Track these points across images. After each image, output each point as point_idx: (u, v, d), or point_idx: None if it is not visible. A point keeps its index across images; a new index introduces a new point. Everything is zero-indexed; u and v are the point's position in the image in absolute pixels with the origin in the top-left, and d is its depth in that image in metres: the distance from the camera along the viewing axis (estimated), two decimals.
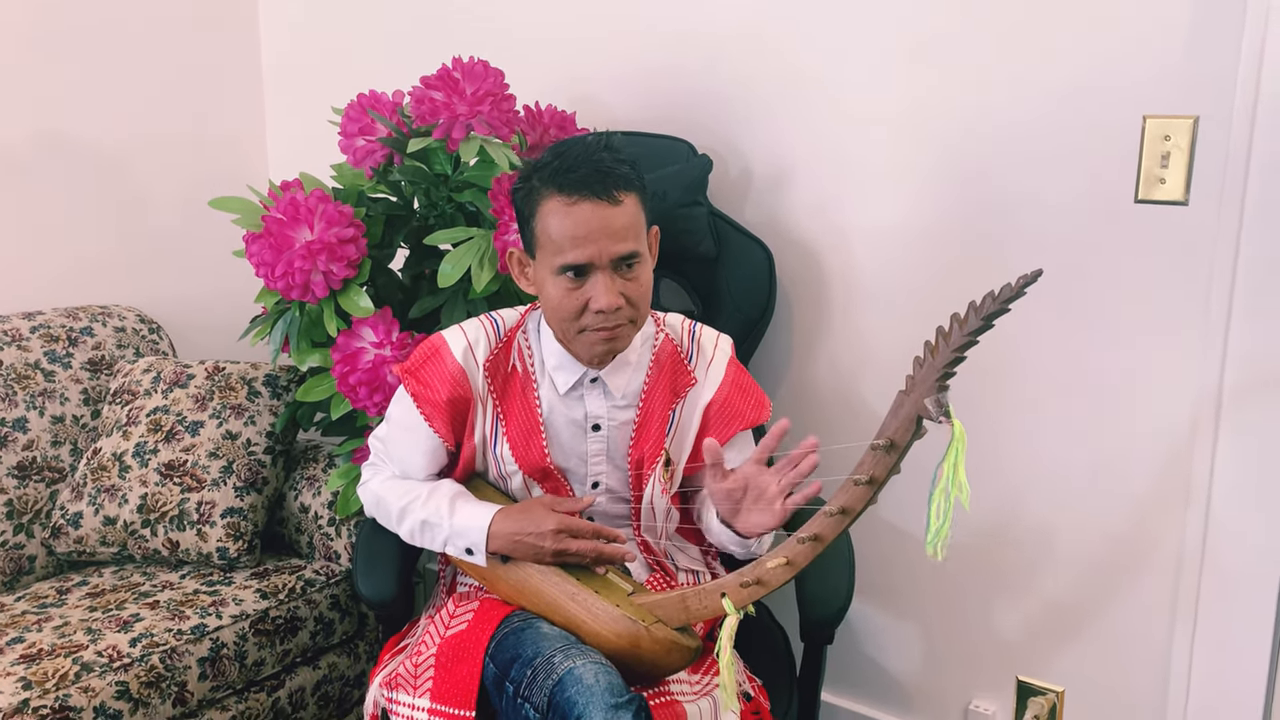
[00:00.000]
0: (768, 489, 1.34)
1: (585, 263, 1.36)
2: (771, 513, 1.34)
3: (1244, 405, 1.57)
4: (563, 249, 1.36)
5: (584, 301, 1.38)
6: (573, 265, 1.36)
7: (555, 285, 1.39)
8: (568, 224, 1.36)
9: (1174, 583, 1.68)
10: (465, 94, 1.73)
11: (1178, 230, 1.60)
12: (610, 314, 1.38)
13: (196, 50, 2.50)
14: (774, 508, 1.33)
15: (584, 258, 1.36)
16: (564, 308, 1.39)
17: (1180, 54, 1.55)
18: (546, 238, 1.38)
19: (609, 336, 1.40)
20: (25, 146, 2.23)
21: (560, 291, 1.38)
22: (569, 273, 1.37)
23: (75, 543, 1.96)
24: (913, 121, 1.78)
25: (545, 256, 1.39)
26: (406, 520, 1.49)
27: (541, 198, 1.38)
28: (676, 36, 1.99)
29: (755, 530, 1.38)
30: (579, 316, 1.39)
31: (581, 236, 1.35)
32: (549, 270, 1.39)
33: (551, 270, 1.38)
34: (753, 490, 1.36)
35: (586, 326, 1.39)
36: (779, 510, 1.33)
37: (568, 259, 1.36)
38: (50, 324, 2.12)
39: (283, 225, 1.68)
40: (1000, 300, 1.08)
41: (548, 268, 1.39)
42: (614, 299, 1.37)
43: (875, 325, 1.88)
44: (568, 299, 1.38)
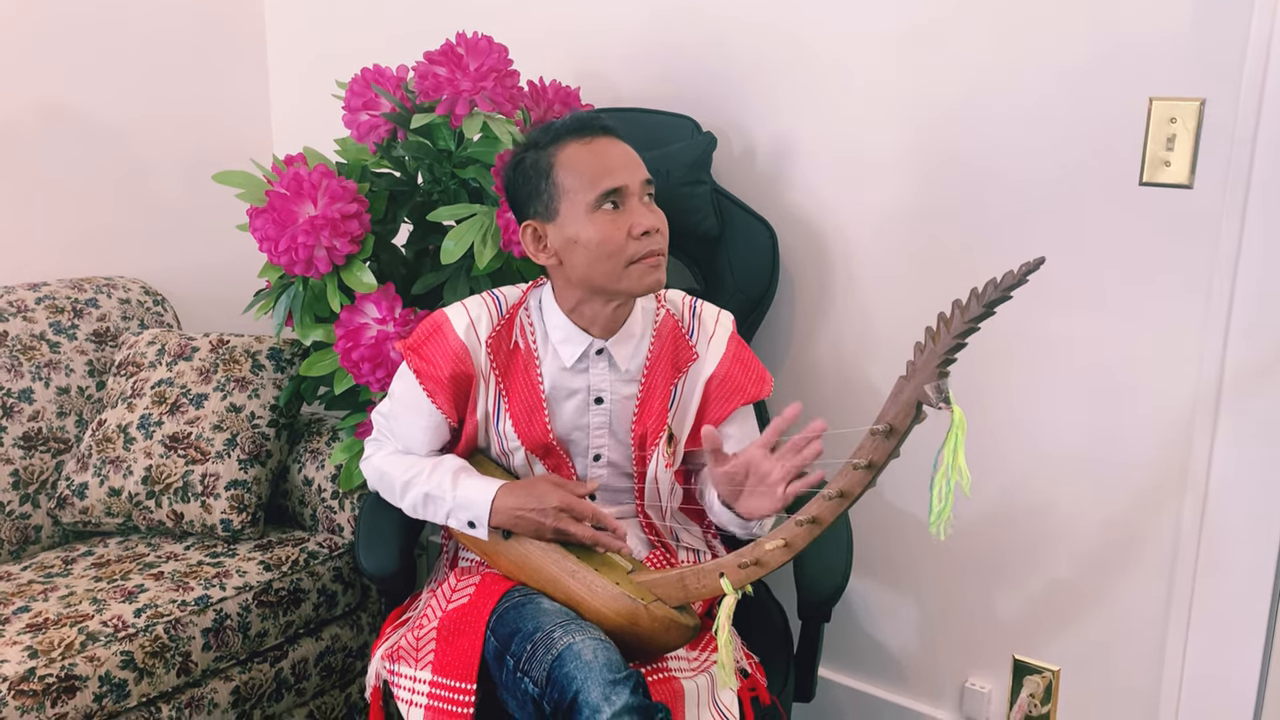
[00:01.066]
0: (770, 474, 1.35)
1: (622, 185, 1.39)
2: (772, 497, 1.35)
3: (1245, 390, 1.57)
4: (597, 180, 1.39)
5: (627, 229, 1.39)
6: (612, 189, 1.39)
7: (594, 223, 1.39)
8: (595, 158, 1.40)
9: (1170, 564, 1.69)
10: (469, 70, 1.72)
11: (1182, 214, 1.59)
12: (654, 235, 1.40)
13: (201, 23, 2.49)
14: (775, 493, 1.34)
15: (619, 181, 1.39)
16: (610, 240, 1.39)
17: (1187, 36, 1.54)
18: (573, 180, 1.40)
19: (656, 263, 1.42)
20: (30, 119, 2.22)
21: (601, 226, 1.39)
22: (609, 200, 1.39)
23: (80, 513, 1.97)
24: (917, 102, 1.77)
25: (575, 199, 1.40)
26: (409, 494, 1.50)
27: (555, 150, 1.42)
28: (682, 13, 1.97)
29: (756, 514, 1.39)
30: (624, 248, 1.40)
31: (612, 164, 1.40)
32: (583, 211, 1.40)
33: (587, 208, 1.39)
34: (754, 475, 1.37)
35: (635, 255, 1.40)
36: (780, 496, 1.34)
37: (604, 185, 1.39)
38: (55, 295, 2.13)
39: (286, 200, 1.69)
40: (1002, 287, 1.08)
41: (581, 210, 1.40)
42: (655, 219, 1.41)
43: (877, 305, 1.88)
44: (612, 229, 1.39)
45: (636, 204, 1.41)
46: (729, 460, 1.39)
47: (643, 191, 1.42)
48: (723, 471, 1.39)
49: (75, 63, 2.27)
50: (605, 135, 1.43)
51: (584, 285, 1.44)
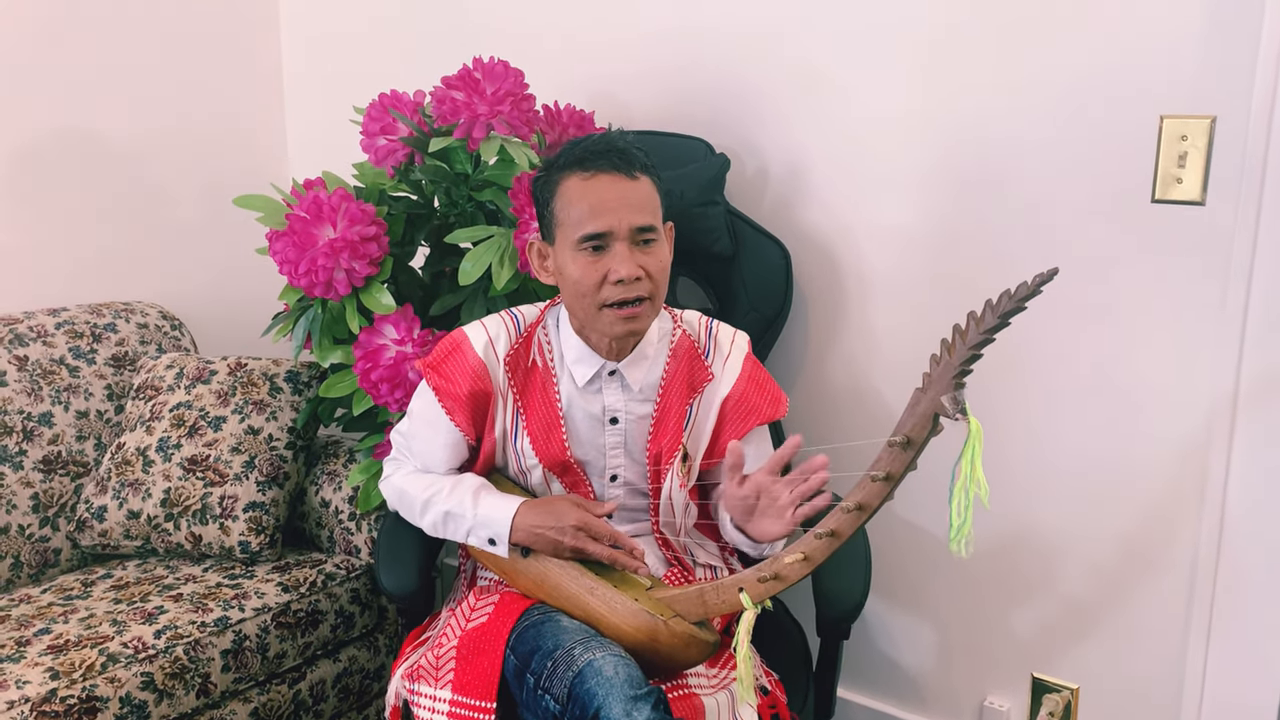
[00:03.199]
0: (779, 498, 1.36)
1: (605, 231, 1.38)
2: (782, 520, 1.36)
3: (1260, 405, 1.58)
4: (582, 221, 1.39)
5: (604, 273, 1.39)
6: (593, 235, 1.38)
7: (576, 261, 1.40)
8: (587, 196, 1.39)
9: (1189, 581, 1.69)
10: (486, 94, 1.75)
11: (1195, 230, 1.60)
12: (630, 284, 1.39)
13: (219, 48, 2.53)
14: (784, 517, 1.36)
15: (603, 226, 1.38)
16: (584, 281, 1.40)
17: (1197, 54, 1.55)
18: (565, 214, 1.41)
19: (629, 315, 1.41)
20: (50, 144, 2.26)
21: (580, 266, 1.40)
22: (589, 243, 1.39)
23: (100, 536, 1.99)
24: (929, 121, 1.79)
25: (565, 234, 1.41)
26: (430, 512, 1.51)
27: (560, 179, 1.42)
28: (694, 36, 2.00)
29: (766, 537, 1.40)
30: (598, 290, 1.40)
31: (600, 207, 1.39)
32: (569, 247, 1.41)
33: (571, 245, 1.40)
34: (765, 498, 1.39)
35: (606, 300, 1.40)
36: (789, 520, 1.35)
37: (587, 229, 1.38)
38: (75, 320, 2.15)
39: (306, 223, 1.71)
40: (1016, 299, 1.09)
41: (568, 245, 1.41)
42: (633, 268, 1.39)
43: (891, 324, 1.89)
44: (588, 271, 1.39)
45: (621, 248, 1.39)
46: (744, 483, 1.39)
47: (633, 236, 1.40)
48: (736, 494, 1.40)
49: (94, 87, 2.31)
50: (608, 173, 1.40)
51: (569, 309, 1.48)
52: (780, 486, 1.36)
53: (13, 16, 2.17)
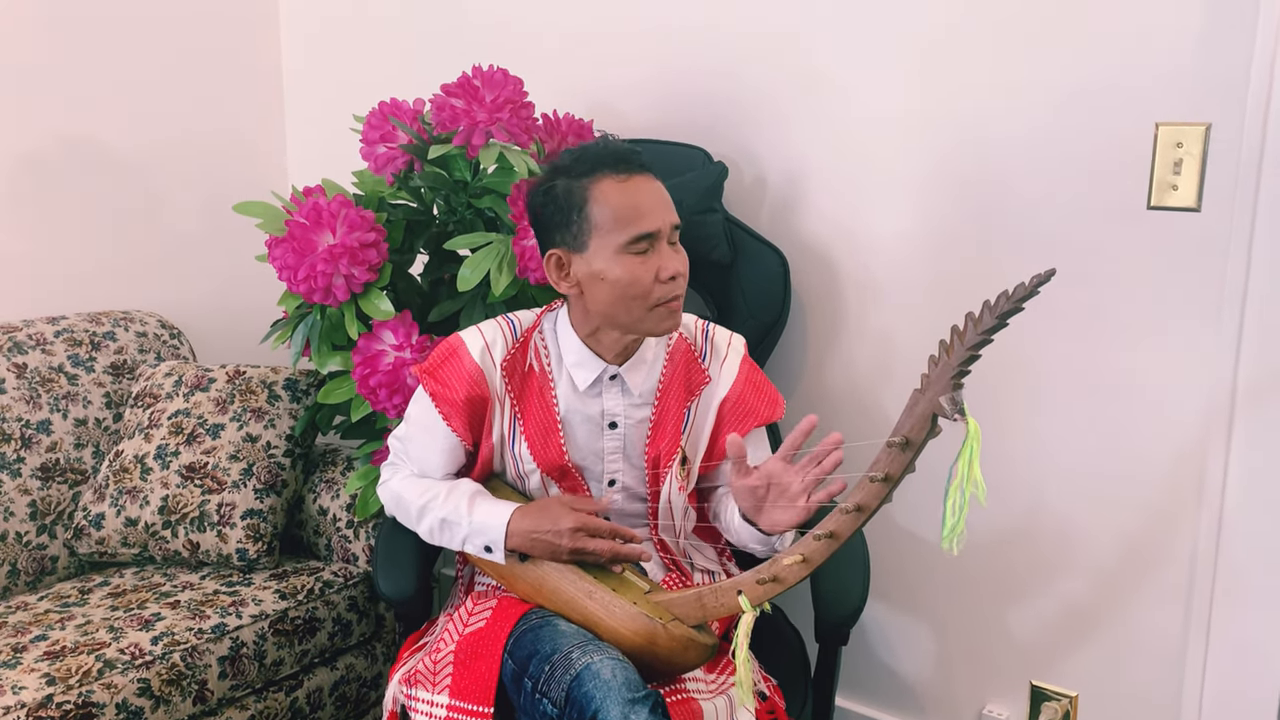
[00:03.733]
0: (790, 486, 1.35)
1: (654, 230, 1.39)
2: (794, 510, 1.35)
3: (1257, 409, 1.58)
4: (630, 221, 1.39)
5: (654, 272, 1.40)
6: (645, 234, 1.39)
7: (622, 263, 1.40)
8: (630, 197, 1.39)
9: (1188, 586, 1.69)
10: (485, 101, 1.76)
11: (1191, 236, 1.61)
12: (679, 280, 1.41)
13: (218, 58, 2.54)
14: (796, 505, 1.34)
15: (653, 225, 1.39)
16: (639, 282, 1.40)
17: (1192, 62, 1.56)
18: (607, 217, 1.39)
19: (676, 307, 1.43)
20: (50, 153, 2.26)
21: (630, 267, 1.39)
22: (641, 243, 1.39)
23: (97, 543, 1.98)
24: (926, 128, 1.80)
25: (606, 237, 1.40)
26: (426, 518, 1.51)
27: (590, 183, 1.41)
28: (692, 46, 2.01)
29: (778, 527, 1.39)
30: (650, 291, 1.40)
31: (645, 207, 1.40)
32: (612, 250, 1.40)
33: (617, 248, 1.39)
34: (775, 487, 1.37)
35: (660, 298, 1.41)
36: (802, 507, 1.34)
37: (639, 228, 1.39)
38: (74, 328, 2.15)
39: (306, 230, 1.71)
40: (1014, 299, 1.10)
41: (610, 248, 1.40)
42: (681, 265, 1.41)
43: (890, 330, 1.90)
44: (640, 271, 1.39)
45: (665, 247, 1.41)
46: (751, 473, 1.39)
47: (671, 234, 1.43)
48: (744, 485, 1.39)
49: (95, 98, 2.32)
50: (642, 174, 1.42)
51: (603, 318, 1.45)
52: (791, 474, 1.35)
53: (15, 26, 2.18)
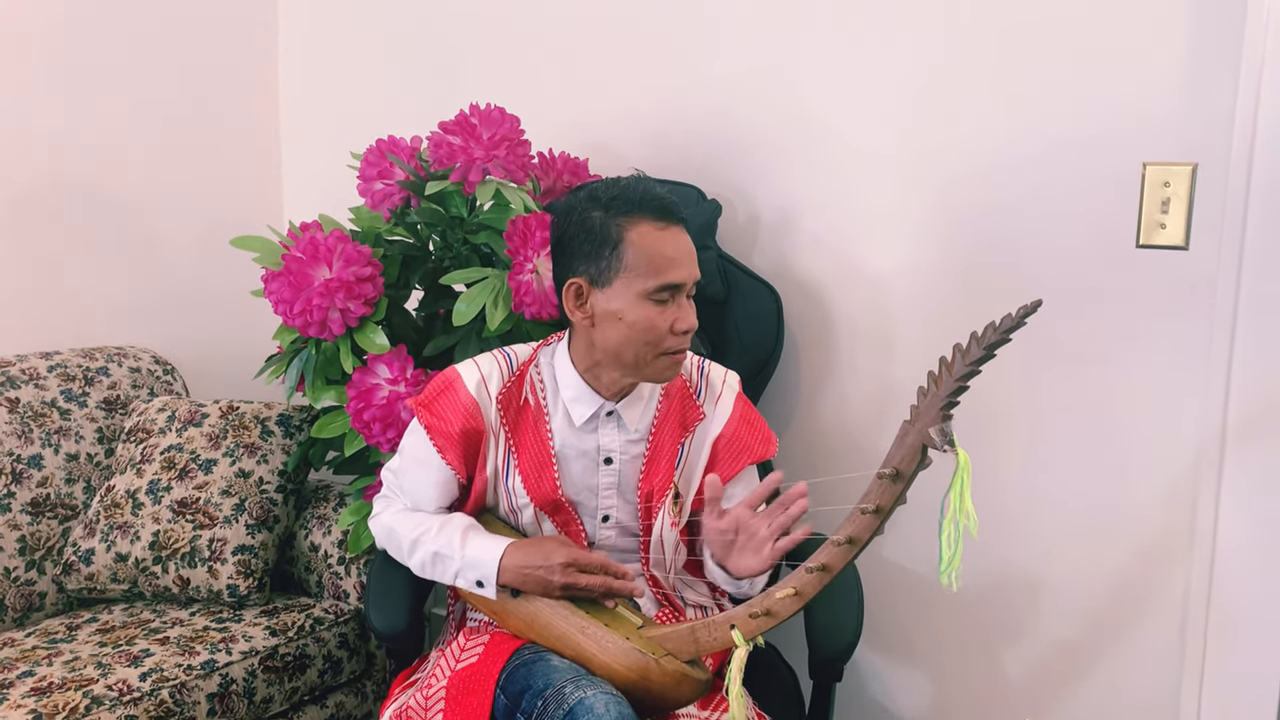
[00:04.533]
0: (758, 532, 1.37)
1: (681, 283, 1.41)
2: (760, 556, 1.37)
3: (1247, 447, 1.59)
4: (661, 270, 1.40)
5: (670, 322, 1.41)
6: (673, 285, 1.40)
7: (643, 308, 1.41)
8: (665, 247, 1.41)
9: (1180, 626, 1.69)
10: (482, 139, 1.78)
11: (1179, 274, 1.63)
12: (689, 334, 1.43)
13: (215, 98, 2.57)
14: (763, 551, 1.36)
15: (680, 278, 1.41)
16: (654, 329, 1.41)
17: (1178, 103, 1.59)
18: (639, 260, 1.40)
19: (681, 359, 1.45)
20: (48, 190, 2.28)
21: (647, 314, 1.41)
22: (665, 292, 1.40)
23: (86, 579, 1.97)
24: (916, 168, 1.82)
25: (631, 281, 1.40)
26: (418, 552, 1.50)
27: (628, 224, 1.41)
28: (686, 85, 2.04)
29: (745, 572, 1.41)
30: (663, 340, 1.42)
31: (678, 259, 1.41)
32: (634, 294, 1.40)
33: (638, 293, 1.40)
34: (744, 532, 1.39)
35: (669, 348, 1.43)
36: (768, 553, 1.36)
37: (666, 279, 1.40)
38: (67, 363, 2.15)
39: (302, 264, 1.72)
40: (1001, 330, 1.11)
41: (632, 291, 1.40)
42: (694, 318, 1.43)
43: (882, 366, 1.91)
44: (657, 320, 1.41)
45: (685, 300, 1.43)
46: (724, 516, 1.40)
47: (691, 289, 1.45)
48: (715, 528, 1.41)
49: (89, 133, 2.34)
50: (677, 225, 1.43)
51: (607, 355, 1.46)
52: (759, 520, 1.38)
53: (13, 65, 2.20)
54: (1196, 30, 1.56)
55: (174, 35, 2.46)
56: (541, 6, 2.21)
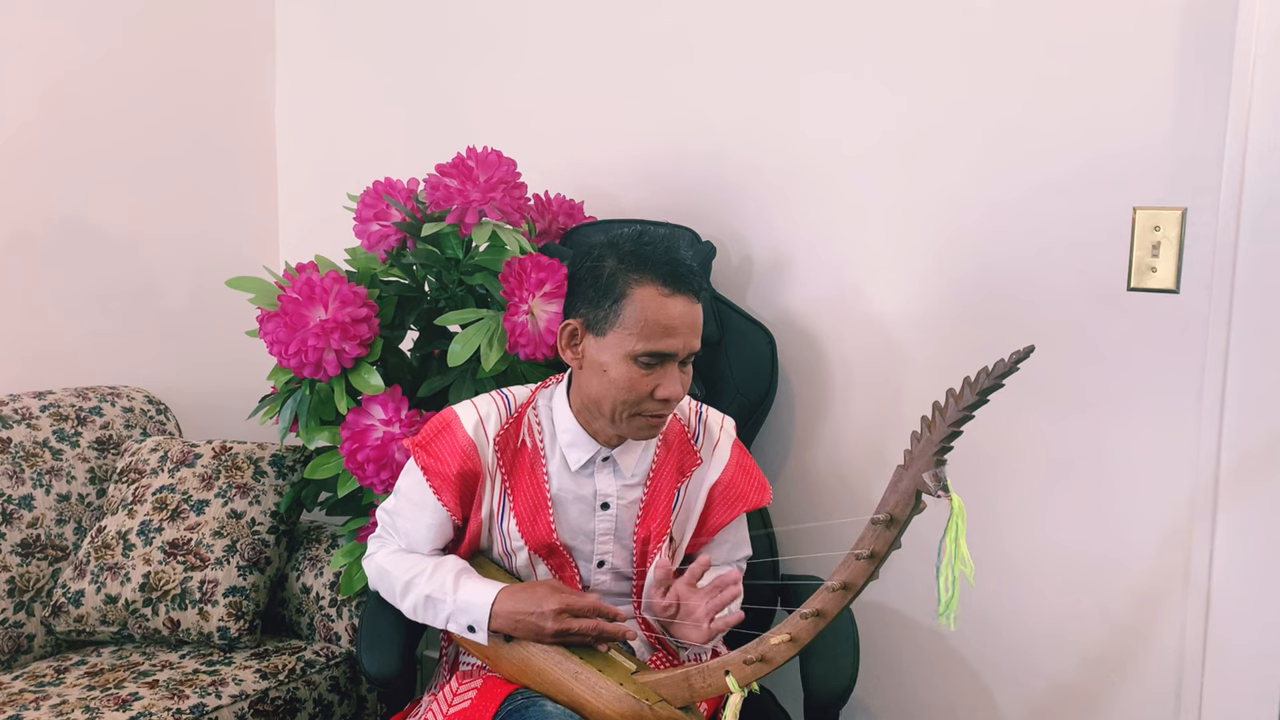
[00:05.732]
0: (695, 610, 1.40)
1: (671, 352, 1.40)
2: (699, 631, 1.40)
3: (1240, 491, 1.59)
4: (652, 336, 1.39)
5: (652, 387, 1.41)
6: (660, 353, 1.40)
7: (625, 367, 1.41)
8: (665, 314, 1.39)
9: (1177, 670, 1.68)
10: (479, 181, 1.79)
11: (1170, 317, 1.64)
12: (671, 402, 1.43)
13: (212, 138, 2.58)
14: (701, 627, 1.39)
15: (671, 348, 1.40)
16: (634, 389, 1.41)
17: (1167, 149, 1.61)
18: (635, 321, 1.39)
19: (660, 423, 1.45)
20: (44, 231, 2.28)
21: (630, 374, 1.41)
22: (649, 358, 1.40)
23: (75, 621, 1.95)
24: (908, 212, 1.84)
25: (623, 338, 1.40)
26: (410, 595, 1.49)
27: (636, 282, 1.40)
28: (681, 128, 2.06)
29: (687, 642, 1.44)
30: (640, 403, 1.42)
31: (673, 329, 1.40)
32: (623, 351, 1.40)
33: (627, 352, 1.40)
34: (684, 609, 1.42)
35: (645, 411, 1.43)
36: (705, 630, 1.39)
37: (657, 347, 1.39)
38: (60, 403, 2.15)
39: (298, 304, 1.73)
40: (994, 375, 1.11)
41: (622, 349, 1.40)
42: (680, 390, 1.42)
43: (875, 408, 1.91)
44: (639, 382, 1.41)
45: (672, 369, 1.42)
46: (666, 595, 1.43)
47: (686, 359, 1.44)
48: (658, 605, 1.43)
49: (86, 175, 2.34)
50: (686, 295, 1.41)
51: (589, 400, 1.47)
52: (696, 599, 1.40)
53: (6, 105, 2.21)
54: (1182, 76, 1.59)
55: (171, 76, 2.48)
56: (538, 50, 2.24)
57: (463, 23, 2.35)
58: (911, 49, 1.81)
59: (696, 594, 1.40)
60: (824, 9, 1.89)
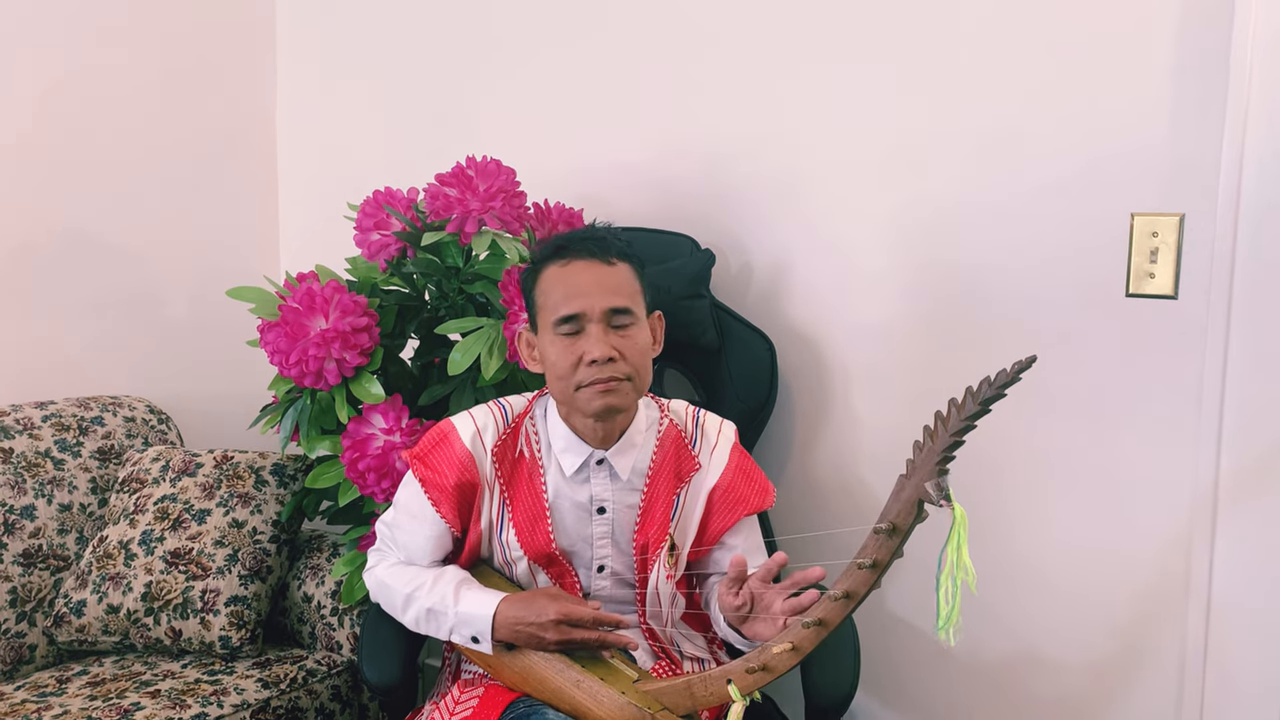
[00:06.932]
0: (773, 604, 1.38)
1: (577, 313, 1.42)
2: (776, 625, 1.37)
3: (1240, 498, 1.59)
4: (558, 304, 1.43)
5: (579, 355, 1.42)
6: (567, 317, 1.42)
7: (556, 345, 1.44)
8: (564, 281, 1.44)
9: (1178, 677, 1.68)
10: (479, 190, 1.79)
11: (1169, 323, 1.64)
12: (603, 364, 1.41)
13: (212, 148, 2.59)
14: (777, 624, 1.36)
15: (576, 308, 1.42)
16: (561, 363, 1.43)
17: (1165, 154, 1.61)
18: (544, 300, 1.46)
19: (605, 389, 1.43)
20: (45, 242, 2.29)
21: (559, 349, 1.44)
22: (565, 325, 1.43)
23: (77, 631, 1.95)
24: (907, 218, 1.84)
25: (544, 319, 1.46)
26: (412, 607, 1.49)
27: (541, 269, 1.48)
28: (680, 136, 2.07)
29: (761, 639, 1.41)
30: (574, 372, 1.43)
31: (573, 290, 1.43)
32: (548, 331, 1.45)
33: (550, 329, 1.44)
34: (759, 605, 1.40)
35: (582, 381, 1.43)
36: (781, 626, 1.36)
37: (561, 311, 1.43)
38: (62, 413, 2.15)
39: (299, 314, 1.73)
40: (996, 385, 1.12)
41: (547, 329, 1.45)
42: (605, 349, 1.42)
43: (876, 414, 1.91)
44: (564, 354, 1.43)
45: (595, 330, 1.42)
46: (738, 594, 1.40)
47: (606, 319, 1.43)
48: (730, 603, 1.40)
49: (88, 187, 2.35)
50: (584, 258, 1.45)
51: (555, 397, 1.50)
52: (773, 594, 1.38)
53: (7, 115, 2.22)
54: (1181, 81, 1.59)
55: (172, 86, 2.49)
56: (538, 59, 2.25)
57: (461, 32, 2.35)
58: (911, 55, 1.81)
59: (771, 590, 1.39)
60: (823, 16, 1.89)
